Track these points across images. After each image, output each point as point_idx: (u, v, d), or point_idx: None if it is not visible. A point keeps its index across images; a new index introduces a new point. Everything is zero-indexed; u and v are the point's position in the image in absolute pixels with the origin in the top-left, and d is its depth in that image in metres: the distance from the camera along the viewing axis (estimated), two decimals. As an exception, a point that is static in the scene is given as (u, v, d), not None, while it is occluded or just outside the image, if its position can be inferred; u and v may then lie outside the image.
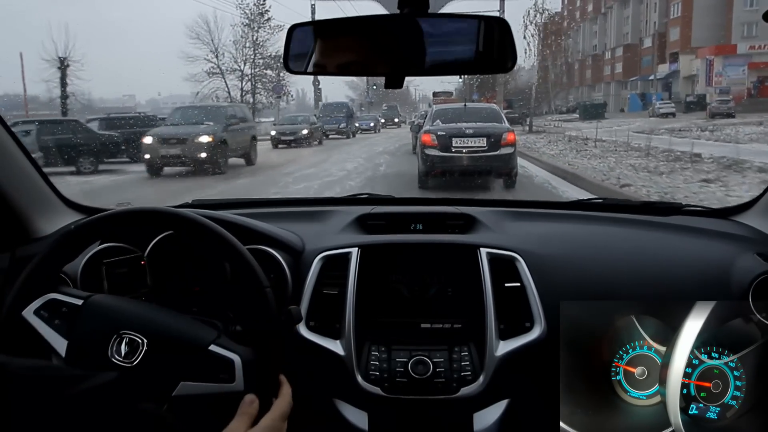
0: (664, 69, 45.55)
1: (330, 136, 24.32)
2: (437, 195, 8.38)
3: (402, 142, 19.31)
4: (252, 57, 28.17)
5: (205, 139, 10.72)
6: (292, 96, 32.17)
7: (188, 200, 1.82)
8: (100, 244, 1.35)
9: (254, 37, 27.85)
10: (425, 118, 11.17)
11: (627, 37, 53.44)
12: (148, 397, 0.95)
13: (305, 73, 1.10)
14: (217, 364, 0.96)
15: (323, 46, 1.07)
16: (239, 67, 28.12)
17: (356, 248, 1.40)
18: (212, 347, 0.97)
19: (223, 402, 0.94)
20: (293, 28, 1.09)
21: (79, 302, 1.00)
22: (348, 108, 26.80)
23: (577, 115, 35.98)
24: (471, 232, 1.53)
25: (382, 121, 37.61)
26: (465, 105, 11.11)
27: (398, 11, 1.00)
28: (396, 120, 39.97)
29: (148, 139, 11.21)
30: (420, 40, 1.02)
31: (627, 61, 51.31)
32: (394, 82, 1.06)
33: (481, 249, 1.38)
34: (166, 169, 11.46)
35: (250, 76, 28.30)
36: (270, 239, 1.39)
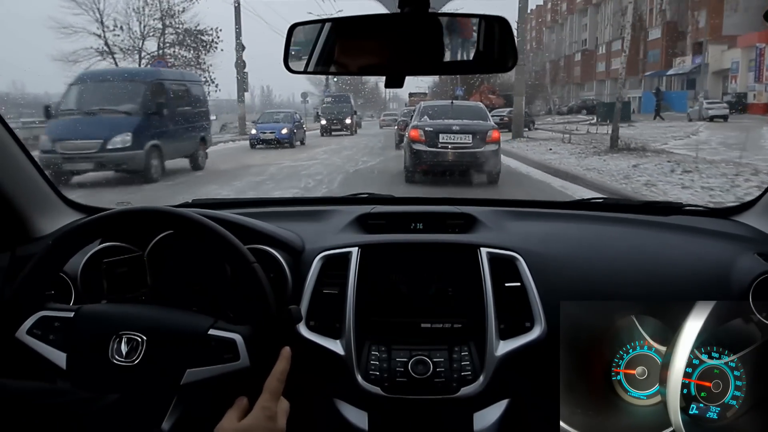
0: (683, 63, 38.07)
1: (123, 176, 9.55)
2: (424, 189, 8.37)
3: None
4: (160, 31, 20.66)
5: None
6: (217, 85, 20.81)
7: (188, 200, 1.82)
8: (100, 244, 1.35)
9: (163, 5, 20.52)
10: (411, 115, 11.36)
11: (626, 28, 50.18)
12: (156, 392, 0.96)
13: (305, 72, 1.10)
14: (220, 346, 0.98)
15: (323, 45, 1.07)
16: (137, 44, 20.43)
17: (356, 248, 1.40)
18: (211, 331, 0.99)
19: (233, 380, 0.96)
20: (293, 27, 1.09)
21: (71, 314, 1.01)
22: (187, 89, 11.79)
23: (584, 116, 31.40)
24: (471, 232, 1.53)
25: (323, 122, 22.97)
26: (452, 102, 11.40)
27: (399, 10, 1.00)
28: (347, 121, 23.13)
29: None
30: (421, 40, 1.02)
31: (627, 55, 48.55)
32: (395, 82, 1.06)
33: (482, 248, 1.38)
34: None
35: (157, 55, 20.58)
36: (270, 239, 1.38)
